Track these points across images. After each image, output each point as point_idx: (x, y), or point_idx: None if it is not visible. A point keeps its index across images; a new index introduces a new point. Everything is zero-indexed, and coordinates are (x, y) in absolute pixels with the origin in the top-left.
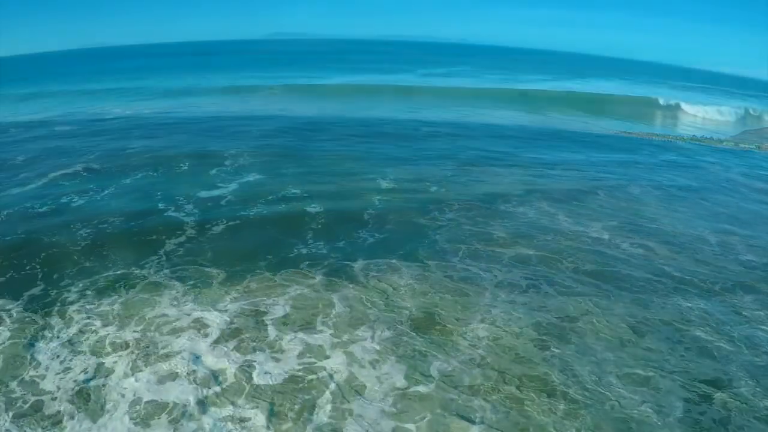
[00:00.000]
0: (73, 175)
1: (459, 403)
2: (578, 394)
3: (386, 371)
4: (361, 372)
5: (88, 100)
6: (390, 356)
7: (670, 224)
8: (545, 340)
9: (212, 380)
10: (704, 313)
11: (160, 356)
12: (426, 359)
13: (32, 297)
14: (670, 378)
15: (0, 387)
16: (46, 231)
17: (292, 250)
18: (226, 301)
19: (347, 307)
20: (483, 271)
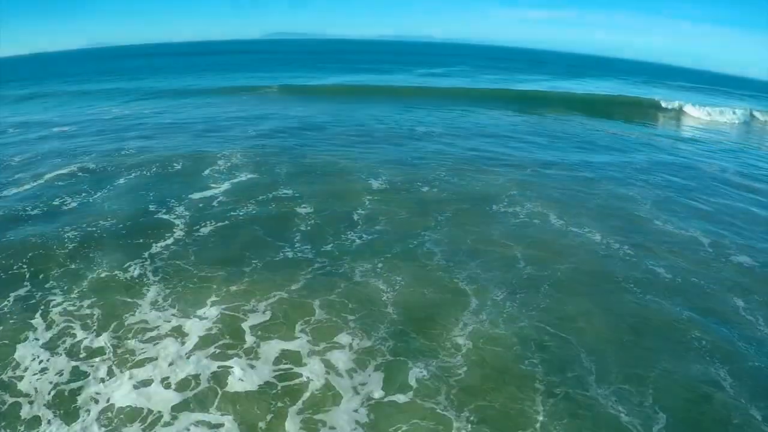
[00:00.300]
0: (68, 176)
1: (437, 412)
2: (571, 399)
3: (363, 380)
4: (338, 381)
5: (86, 101)
6: (369, 364)
7: (665, 225)
8: (532, 347)
9: (186, 387)
10: (698, 316)
11: (136, 362)
12: (406, 367)
13: (18, 298)
14: (666, 379)
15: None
16: (36, 232)
17: (278, 253)
18: (207, 305)
19: (328, 313)
20: (471, 275)
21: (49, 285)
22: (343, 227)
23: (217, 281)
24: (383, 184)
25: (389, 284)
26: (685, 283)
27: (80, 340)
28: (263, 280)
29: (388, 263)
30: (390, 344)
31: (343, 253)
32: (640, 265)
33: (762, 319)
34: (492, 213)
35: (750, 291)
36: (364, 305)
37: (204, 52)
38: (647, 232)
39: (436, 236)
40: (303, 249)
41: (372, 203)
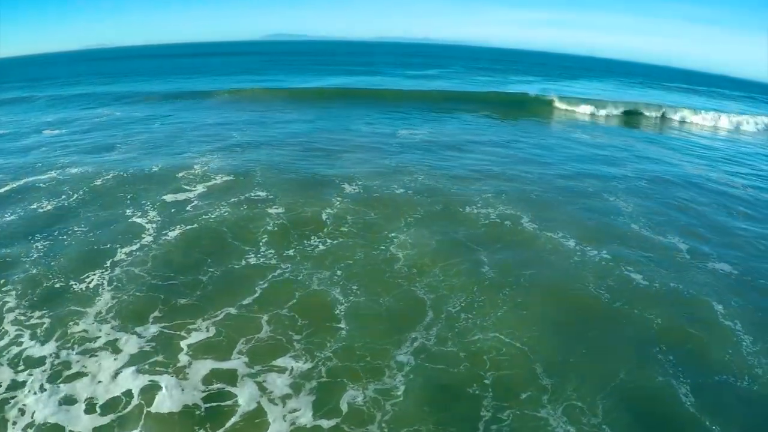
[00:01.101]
0: (48, 180)
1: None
2: (520, 423)
3: (295, 406)
4: (269, 406)
5: (75, 103)
6: (304, 388)
7: (642, 231)
8: (484, 364)
9: (110, 407)
10: (670, 325)
11: (67, 376)
12: (341, 390)
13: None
14: (623, 393)
15: None
16: (6, 238)
17: (240, 259)
18: (151, 320)
19: (274, 330)
20: (433, 282)
21: (8, 289)
22: (309, 231)
23: (169, 291)
24: (357, 187)
25: (345, 293)
26: (660, 291)
27: (25, 349)
28: (215, 292)
29: (349, 270)
30: (331, 365)
31: (304, 259)
32: (614, 272)
33: (740, 327)
34: (463, 215)
35: (728, 299)
36: (314, 320)
37: (201, 54)
38: (625, 238)
39: (402, 239)
40: (267, 254)
41: (341, 208)
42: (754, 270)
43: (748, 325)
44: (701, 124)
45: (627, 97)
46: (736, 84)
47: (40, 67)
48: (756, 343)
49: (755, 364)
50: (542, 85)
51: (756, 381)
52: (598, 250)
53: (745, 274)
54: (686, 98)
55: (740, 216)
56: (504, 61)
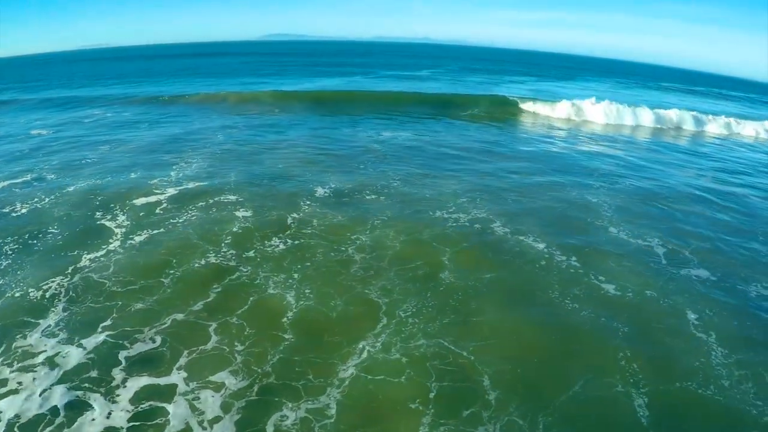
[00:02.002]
0: (23, 185)
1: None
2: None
3: (223, 427)
4: (197, 429)
5: (62, 106)
6: (234, 408)
7: (620, 233)
8: (430, 375)
9: (34, 424)
10: (637, 334)
11: (0, 394)
12: (272, 410)
13: None
14: (570, 410)
15: None
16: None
17: (201, 260)
18: (99, 330)
19: (220, 341)
20: (388, 285)
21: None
22: (272, 234)
23: (124, 298)
24: (328, 191)
25: (299, 298)
26: (630, 298)
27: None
28: (172, 296)
29: (305, 272)
30: (268, 381)
31: (264, 260)
32: (583, 278)
33: (714, 338)
34: (432, 219)
35: (704, 308)
36: (261, 328)
37: (197, 54)
38: (600, 242)
39: (363, 241)
40: (227, 255)
41: (310, 209)
42: (734, 277)
43: (722, 336)
44: (692, 130)
45: (621, 98)
46: (736, 84)
47: (34, 68)
48: (728, 355)
49: (723, 376)
50: (535, 85)
51: (721, 394)
52: (567, 256)
53: (723, 280)
54: (680, 99)
55: (724, 221)
56: (502, 61)
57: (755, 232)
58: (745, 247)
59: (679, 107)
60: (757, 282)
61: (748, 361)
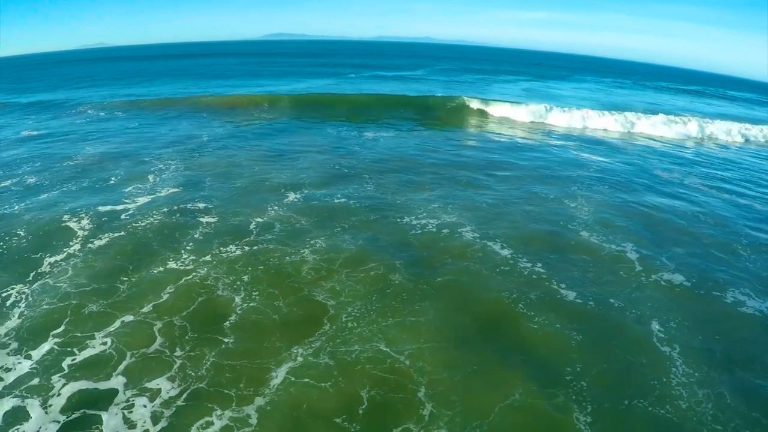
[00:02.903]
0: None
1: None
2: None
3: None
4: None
5: (46, 108)
6: (163, 417)
7: (592, 238)
8: (364, 385)
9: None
10: (592, 344)
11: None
12: (197, 418)
13: None
14: (521, 414)
15: None
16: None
17: (159, 266)
18: (50, 337)
19: (162, 344)
20: (330, 294)
21: None
22: (233, 238)
23: (81, 302)
24: (299, 196)
25: (245, 300)
26: (592, 305)
27: None
28: (124, 300)
29: (256, 274)
30: (200, 386)
31: (219, 263)
32: (545, 283)
33: (677, 351)
34: (398, 224)
35: (671, 318)
36: (205, 330)
37: (193, 54)
38: (568, 248)
39: (321, 245)
40: (186, 260)
41: (275, 214)
42: (711, 284)
43: (686, 351)
44: (659, 134)
45: (613, 98)
46: (736, 84)
47: (26, 69)
48: (690, 373)
49: (681, 396)
50: (530, 83)
51: (676, 415)
52: (533, 262)
53: (698, 288)
54: (672, 98)
55: (706, 226)
56: (500, 61)
57: (738, 238)
58: (727, 253)
59: (666, 107)
60: (735, 289)
61: (710, 380)
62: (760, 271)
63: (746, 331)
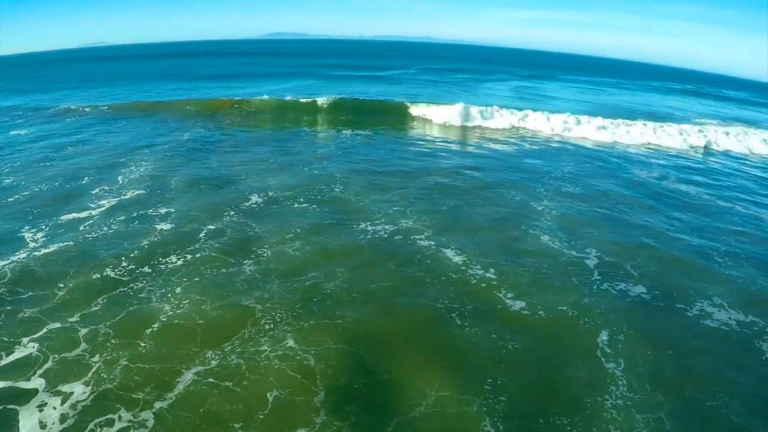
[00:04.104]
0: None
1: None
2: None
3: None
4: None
5: (23, 111)
6: (66, 422)
7: (554, 245)
8: (265, 396)
9: None
10: (530, 355)
11: None
12: (98, 422)
13: None
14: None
15: None
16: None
17: (101, 271)
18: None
19: (84, 351)
20: (270, 295)
21: None
22: (180, 246)
23: (12, 307)
24: (260, 199)
25: (174, 307)
26: (543, 314)
27: None
28: (58, 306)
29: (191, 284)
30: (109, 388)
31: (158, 274)
32: (492, 291)
33: (621, 368)
34: (353, 230)
35: (621, 330)
36: (127, 336)
37: (187, 54)
38: (527, 254)
39: (267, 253)
40: (126, 268)
41: (234, 217)
42: (676, 295)
43: (632, 366)
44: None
45: (601, 98)
46: (736, 84)
47: (21, 69)
48: (629, 395)
49: (613, 418)
50: (521, 83)
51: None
52: (485, 269)
53: (660, 299)
54: (662, 98)
55: (682, 231)
56: (495, 61)
57: (715, 246)
58: (700, 262)
59: (654, 107)
60: (702, 301)
61: (652, 402)
62: (734, 281)
63: (706, 347)
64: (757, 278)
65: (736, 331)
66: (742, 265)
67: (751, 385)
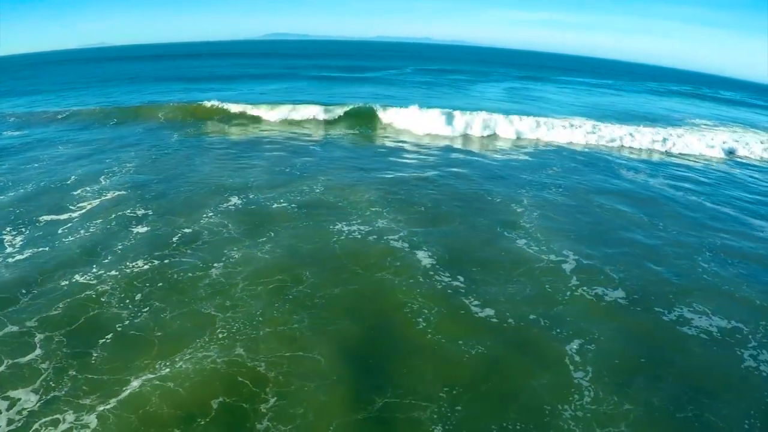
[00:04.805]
0: None
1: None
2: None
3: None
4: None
5: None
6: (16, 420)
7: (527, 248)
8: (209, 401)
9: None
10: (488, 368)
11: None
12: (40, 428)
13: None
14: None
15: None
16: None
17: (70, 277)
18: None
19: (37, 356)
20: (220, 308)
21: None
22: (145, 251)
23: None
24: (235, 201)
25: (133, 315)
26: (513, 322)
27: None
28: (20, 310)
29: (153, 290)
30: (56, 395)
31: (123, 278)
32: (460, 297)
33: (589, 376)
34: (327, 232)
35: (594, 337)
36: (81, 344)
37: (183, 55)
38: (502, 258)
39: (235, 257)
40: (97, 274)
41: (211, 219)
42: (653, 300)
43: (600, 375)
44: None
45: (592, 99)
46: (735, 85)
47: (19, 70)
48: (596, 403)
49: (571, 430)
50: (513, 83)
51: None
52: (452, 274)
53: (637, 305)
54: (658, 100)
55: (666, 233)
56: (493, 62)
57: (700, 249)
58: (684, 265)
59: (647, 108)
60: (682, 306)
61: (616, 415)
62: (719, 285)
63: (682, 356)
64: (742, 284)
65: (716, 339)
66: (727, 270)
67: (726, 398)
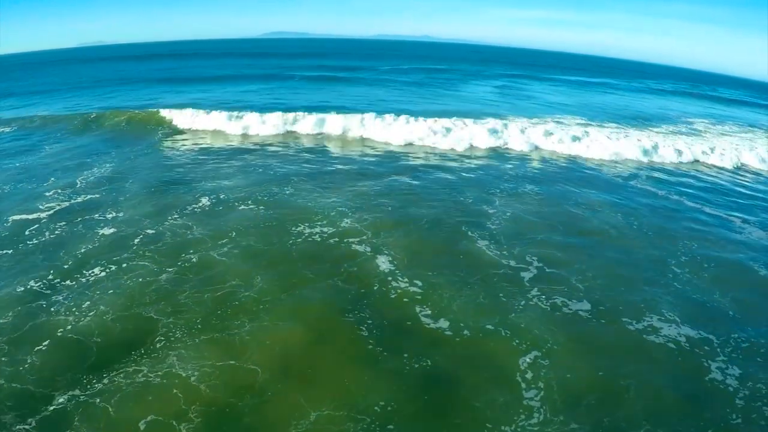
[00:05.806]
0: None
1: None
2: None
3: None
4: None
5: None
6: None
7: (489, 251)
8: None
9: None
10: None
11: None
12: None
13: None
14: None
15: None
16: None
17: (25, 283)
18: None
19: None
20: (162, 313)
21: None
22: (104, 254)
23: None
24: (208, 202)
25: (76, 319)
26: (467, 336)
27: None
28: None
29: (103, 296)
30: None
31: (78, 284)
32: (413, 306)
33: (542, 395)
34: (291, 233)
35: (550, 351)
36: (18, 352)
37: (180, 55)
38: (461, 261)
39: (194, 260)
40: (48, 281)
41: (176, 221)
42: (621, 309)
43: (551, 390)
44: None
45: (582, 99)
46: (735, 83)
47: (13, 70)
48: (541, 421)
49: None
50: (504, 82)
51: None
52: (412, 280)
53: (602, 316)
54: (655, 97)
55: (641, 237)
56: (491, 61)
57: (674, 255)
58: (656, 272)
59: (639, 108)
60: (652, 315)
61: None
62: (691, 293)
63: (644, 368)
64: (714, 292)
65: (684, 349)
66: (701, 277)
67: (687, 412)
